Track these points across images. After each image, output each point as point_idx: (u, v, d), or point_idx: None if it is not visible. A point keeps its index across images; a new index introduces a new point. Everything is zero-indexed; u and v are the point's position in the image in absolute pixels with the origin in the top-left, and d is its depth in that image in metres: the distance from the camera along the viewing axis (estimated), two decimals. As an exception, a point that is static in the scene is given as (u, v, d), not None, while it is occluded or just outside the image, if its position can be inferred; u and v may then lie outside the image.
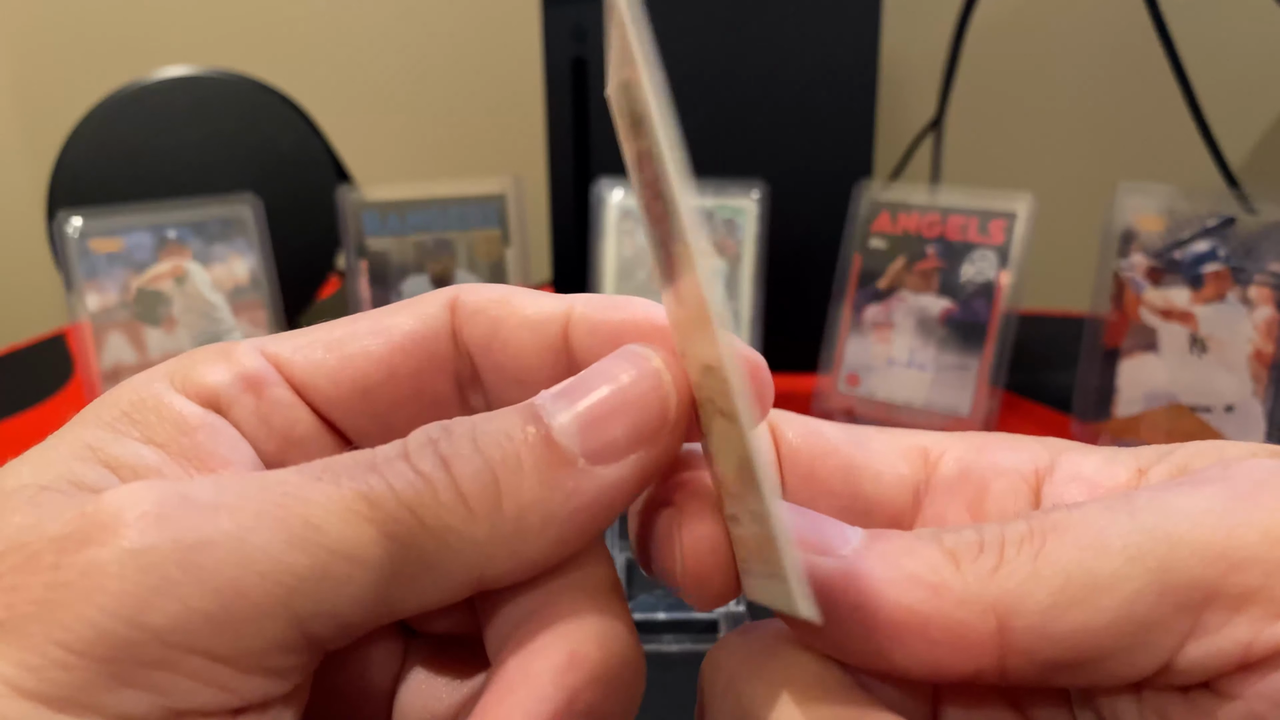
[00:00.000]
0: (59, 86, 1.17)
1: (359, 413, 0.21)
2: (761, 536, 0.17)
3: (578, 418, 0.18)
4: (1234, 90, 0.87)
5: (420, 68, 1.11)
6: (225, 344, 0.21)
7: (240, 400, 0.20)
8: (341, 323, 0.22)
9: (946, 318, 0.65)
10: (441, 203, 0.67)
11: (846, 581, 0.17)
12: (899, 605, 0.17)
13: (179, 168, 0.77)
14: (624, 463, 0.18)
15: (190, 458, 0.19)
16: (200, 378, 0.20)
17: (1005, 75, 0.95)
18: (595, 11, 0.71)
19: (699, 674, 0.20)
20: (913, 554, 0.17)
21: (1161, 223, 0.62)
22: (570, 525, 0.17)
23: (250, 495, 0.16)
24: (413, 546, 0.16)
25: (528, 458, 0.17)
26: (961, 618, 0.16)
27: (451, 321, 0.21)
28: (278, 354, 0.21)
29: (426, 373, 0.21)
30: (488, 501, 0.17)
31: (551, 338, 0.20)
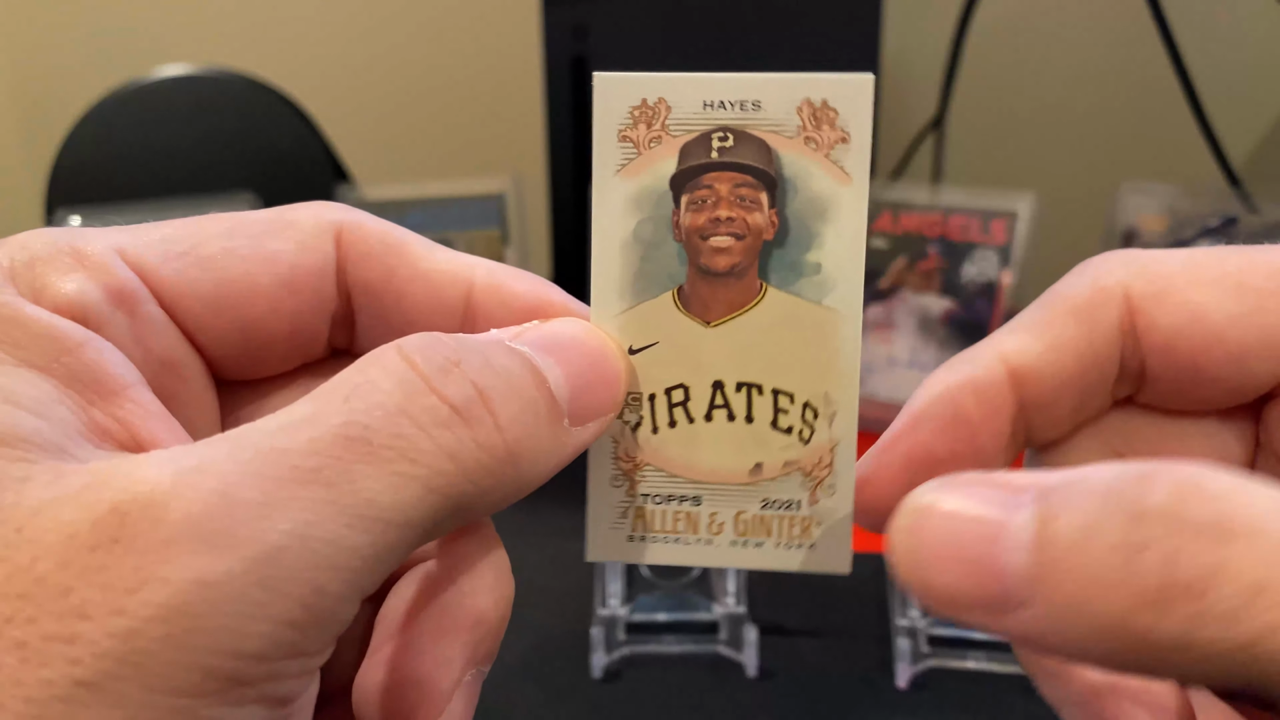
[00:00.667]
0: (58, 85, 1.17)
1: (229, 341, 0.20)
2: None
3: (569, 383, 0.18)
4: (1236, 89, 0.86)
5: (420, 67, 1.11)
6: (65, 237, 0.18)
7: (113, 319, 0.18)
8: (209, 230, 0.20)
9: (948, 318, 0.64)
10: (441, 202, 0.67)
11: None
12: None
13: (178, 167, 0.77)
14: (588, 428, 0.19)
15: (83, 384, 0.16)
16: (59, 288, 0.17)
17: (1007, 74, 0.95)
18: (595, 11, 0.71)
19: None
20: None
21: (1163, 222, 0.62)
22: (547, 476, 0.18)
23: (288, 479, 0.15)
24: (455, 495, 0.16)
25: (543, 405, 0.18)
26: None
27: (338, 258, 0.20)
28: (141, 263, 0.19)
29: (307, 311, 0.20)
30: (526, 447, 0.17)
31: (451, 300, 0.20)
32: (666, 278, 0.21)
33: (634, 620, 0.45)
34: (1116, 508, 0.16)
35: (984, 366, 0.20)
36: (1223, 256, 0.20)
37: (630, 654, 0.44)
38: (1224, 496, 0.15)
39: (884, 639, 0.45)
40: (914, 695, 0.41)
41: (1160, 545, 0.15)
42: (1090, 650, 0.16)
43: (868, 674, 0.43)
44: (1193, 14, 0.80)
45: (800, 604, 0.48)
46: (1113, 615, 0.15)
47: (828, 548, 0.21)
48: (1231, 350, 0.19)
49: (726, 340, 0.21)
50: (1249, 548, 0.15)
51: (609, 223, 0.21)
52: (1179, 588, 0.15)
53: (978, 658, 0.43)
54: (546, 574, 0.51)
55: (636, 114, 0.20)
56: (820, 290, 0.21)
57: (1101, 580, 0.15)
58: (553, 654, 0.44)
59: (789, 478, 0.21)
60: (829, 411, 0.21)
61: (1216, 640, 0.15)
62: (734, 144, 0.20)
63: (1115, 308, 0.20)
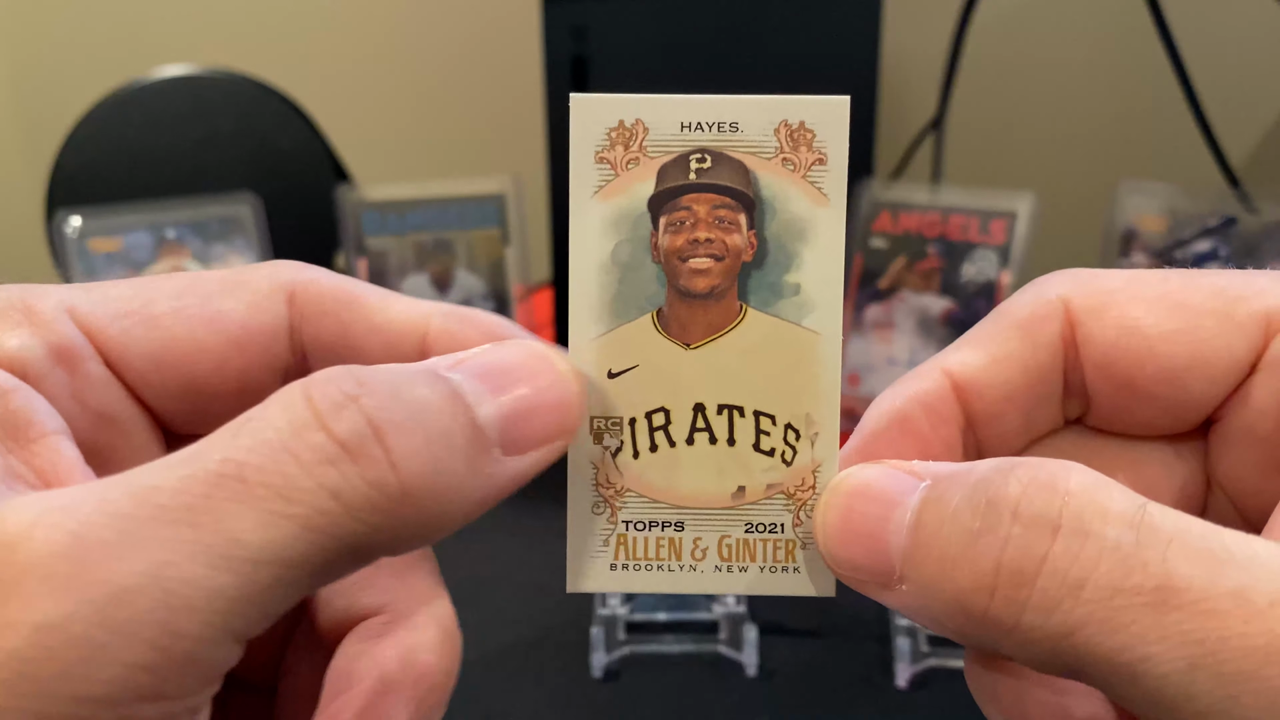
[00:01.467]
0: (58, 86, 1.17)
1: (175, 398, 0.20)
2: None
3: (501, 411, 0.18)
4: (1235, 89, 0.86)
5: (420, 67, 1.11)
6: (21, 294, 0.19)
7: (51, 375, 0.18)
8: (161, 290, 0.20)
9: (947, 317, 0.65)
10: (441, 202, 0.67)
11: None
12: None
13: (178, 167, 0.77)
14: (528, 457, 0.18)
15: (4, 427, 0.17)
16: (2, 341, 0.18)
17: (1006, 74, 0.95)
18: (595, 11, 0.71)
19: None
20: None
21: (1163, 222, 0.62)
22: (473, 511, 0.17)
23: (150, 518, 0.14)
24: (342, 536, 0.16)
25: (459, 435, 0.17)
26: None
27: (290, 317, 0.20)
28: (89, 321, 0.19)
29: (256, 369, 0.20)
30: (426, 483, 0.16)
31: (408, 351, 0.20)
32: (645, 300, 0.21)
33: (634, 620, 0.45)
34: (976, 496, 0.17)
35: (929, 380, 0.20)
36: (1165, 276, 0.20)
37: (630, 653, 0.44)
38: (1072, 494, 0.16)
39: (884, 638, 0.45)
40: (913, 695, 0.42)
41: (997, 533, 0.16)
42: (947, 626, 0.17)
43: (867, 673, 0.43)
44: (1192, 14, 0.80)
45: (800, 604, 0.48)
46: (957, 594, 0.17)
47: (813, 571, 0.21)
48: (1163, 365, 0.19)
49: (707, 362, 0.21)
50: (1078, 544, 0.16)
51: (586, 245, 0.20)
52: (1007, 573, 0.16)
53: (977, 657, 0.43)
54: (546, 573, 0.51)
55: (614, 135, 0.20)
56: (800, 311, 0.21)
57: (950, 560, 0.17)
58: (553, 654, 0.44)
59: (772, 501, 0.21)
60: (811, 432, 0.21)
61: (1037, 627, 0.16)
62: (712, 165, 0.20)
63: (1056, 321, 0.20)
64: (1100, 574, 0.15)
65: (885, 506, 0.18)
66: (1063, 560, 0.16)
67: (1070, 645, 0.16)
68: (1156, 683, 0.15)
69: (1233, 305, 0.20)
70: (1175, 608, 0.15)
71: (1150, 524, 0.16)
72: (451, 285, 0.68)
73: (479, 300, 0.69)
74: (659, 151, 0.20)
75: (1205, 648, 0.15)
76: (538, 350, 0.19)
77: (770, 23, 0.70)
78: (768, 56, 0.70)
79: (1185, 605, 0.15)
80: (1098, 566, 0.15)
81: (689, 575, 0.21)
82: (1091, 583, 0.15)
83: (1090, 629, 0.15)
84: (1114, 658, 0.15)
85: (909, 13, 0.90)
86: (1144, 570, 0.15)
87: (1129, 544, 0.15)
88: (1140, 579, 0.15)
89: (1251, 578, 0.15)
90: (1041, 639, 0.16)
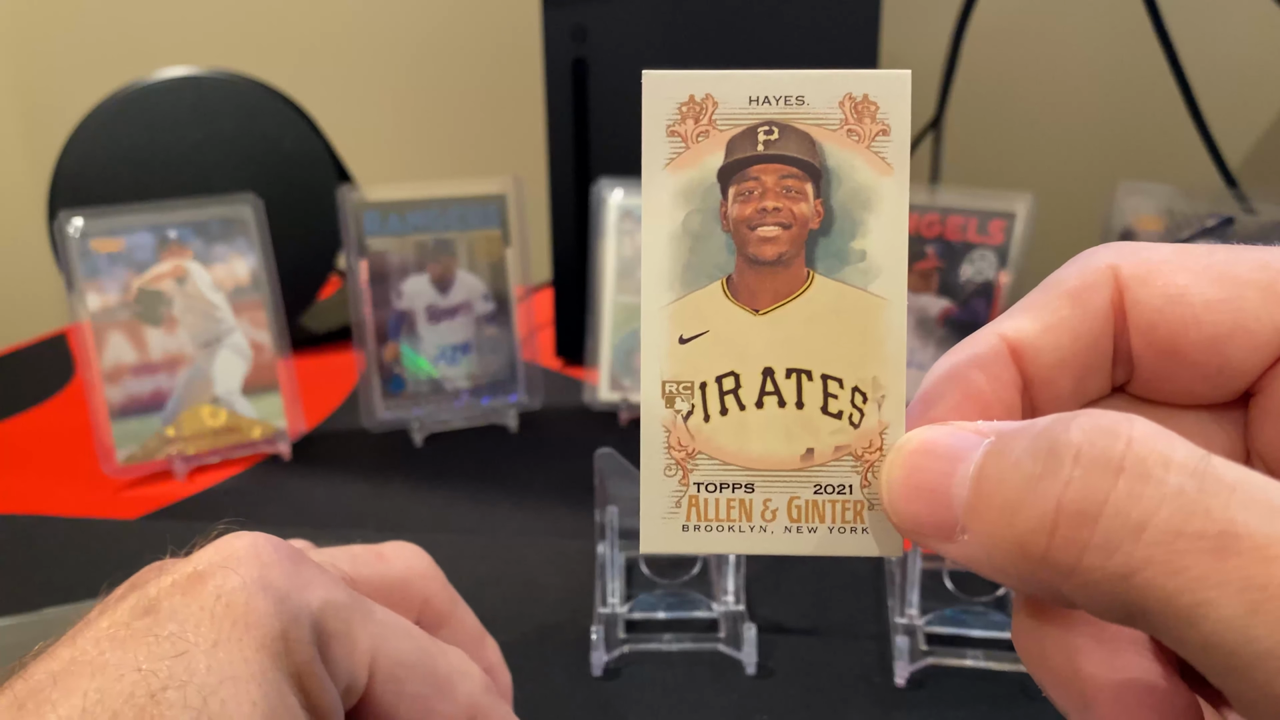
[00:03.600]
0: (60, 87, 1.17)
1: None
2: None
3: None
4: (1233, 91, 0.87)
5: (420, 68, 1.11)
6: (354, 616, 0.24)
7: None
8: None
9: (945, 318, 0.65)
10: (442, 203, 0.68)
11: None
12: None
13: (180, 168, 0.77)
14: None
15: None
16: (338, 670, 0.23)
17: (1004, 75, 0.95)
18: (595, 11, 0.71)
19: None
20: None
21: (1160, 223, 0.62)
22: None
23: None
24: None
25: None
26: None
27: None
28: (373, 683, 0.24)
29: None
30: None
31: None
32: (715, 268, 0.21)
33: (634, 618, 0.46)
34: (1038, 444, 0.17)
35: (986, 344, 0.21)
36: (1211, 249, 0.20)
37: (630, 652, 0.44)
38: (1135, 440, 0.16)
39: (883, 637, 0.45)
40: (912, 693, 0.42)
41: (1059, 475, 0.16)
42: (1009, 573, 0.17)
43: (866, 672, 0.43)
44: (1190, 16, 0.80)
45: (799, 602, 0.48)
46: (1017, 538, 0.17)
47: (880, 531, 0.21)
48: (1206, 333, 0.20)
49: (775, 328, 0.21)
50: (1140, 487, 0.16)
51: (658, 215, 0.21)
52: (1068, 514, 0.16)
53: (976, 656, 0.43)
54: (546, 572, 0.51)
55: (684, 110, 0.21)
56: (866, 277, 0.21)
57: (1011, 505, 0.17)
58: (553, 652, 0.44)
59: (840, 462, 0.21)
60: (877, 395, 0.21)
61: (1097, 568, 0.16)
62: (779, 137, 0.21)
63: (1106, 288, 0.21)
64: (1162, 518, 0.16)
65: (949, 462, 0.18)
66: (1125, 502, 0.16)
67: (1131, 587, 0.16)
68: (1216, 626, 0.15)
69: (1276, 278, 0.20)
70: (1236, 553, 0.15)
71: (1214, 473, 0.16)
72: (452, 286, 0.68)
73: (479, 300, 0.69)
74: (728, 125, 0.21)
75: (1267, 593, 0.15)
76: None
77: (769, 24, 0.70)
78: (767, 58, 0.70)
79: (1246, 551, 0.15)
80: (1159, 510, 0.16)
81: (759, 536, 0.22)
82: (1153, 525, 0.16)
83: (1151, 571, 0.15)
84: (1174, 600, 0.15)
85: (907, 14, 0.90)
86: (1206, 516, 0.15)
87: (1192, 490, 0.16)
88: (1202, 524, 0.15)
89: None
90: (1101, 580, 0.16)
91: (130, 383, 0.62)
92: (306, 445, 0.67)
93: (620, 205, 0.69)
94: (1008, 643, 0.44)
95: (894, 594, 0.46)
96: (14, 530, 0.56)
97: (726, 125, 0.21)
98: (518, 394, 0.70)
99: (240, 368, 0.65)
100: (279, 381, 0.66)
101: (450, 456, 0.65)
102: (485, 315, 0.70)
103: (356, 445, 0.67)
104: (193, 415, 0.64)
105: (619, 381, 0.69)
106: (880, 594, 0.49)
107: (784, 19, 0.70)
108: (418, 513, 0.58)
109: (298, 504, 0.59)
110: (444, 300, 0.68)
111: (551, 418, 0.70)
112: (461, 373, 0.69)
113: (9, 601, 0.48)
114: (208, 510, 0.59)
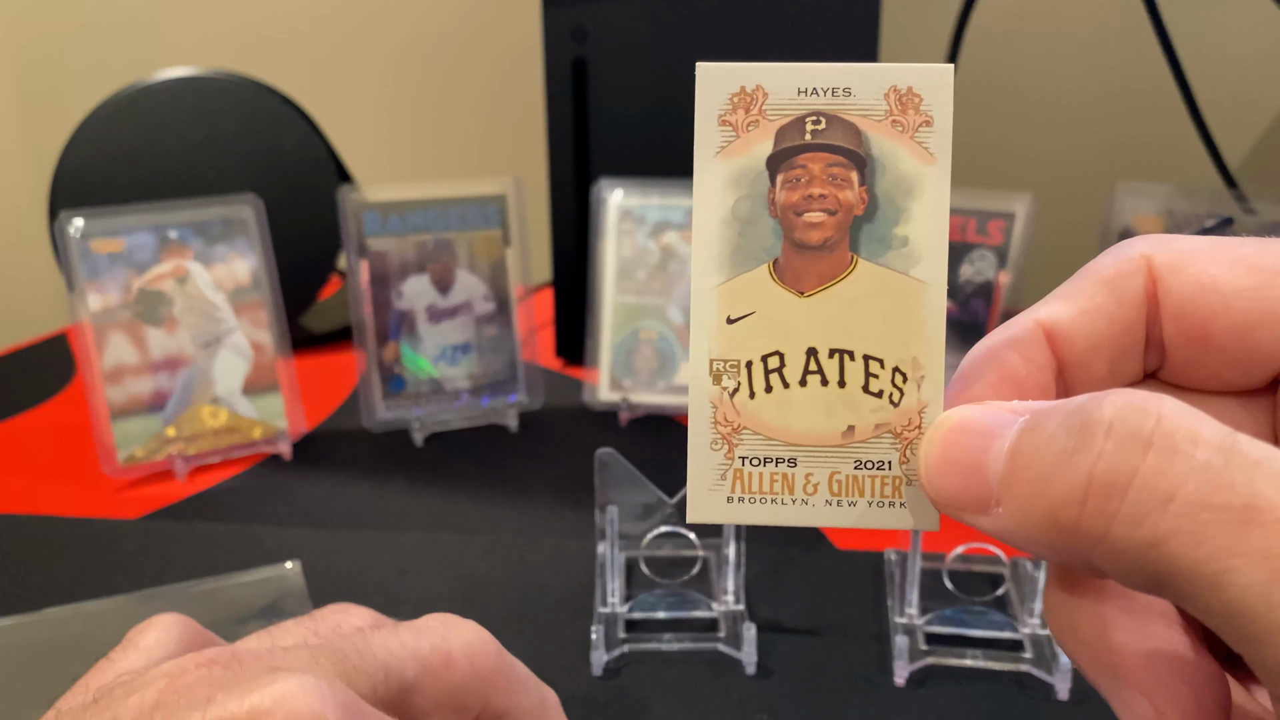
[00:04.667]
0: (61, 87, 1.17)
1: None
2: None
3: None
4: (1232, 91, 0.87)
5: (420, 68, 1.11)
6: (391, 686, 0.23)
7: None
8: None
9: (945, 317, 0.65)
10: (442, 203, 0.68)
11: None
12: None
13: (180, 168, 0.77)
14: None
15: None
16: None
17: (1004, 75, 0.95)
18: (595, 11, 0.71)
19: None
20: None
21: (1160, 223, 0.62)
22: None
23: None
24: None
25: None
26: None
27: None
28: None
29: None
30: None
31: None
32: (763, 251, 0.22)
33: (633, 618, 0.46)
34: (1071, 420, 0.18)
35: (1023, 328, 0.22)
36: (1242, 241, 0.21)
37: (630, 651, 0.44)
38: (1165, 416, 0.17)
39: (882, 636, 0.45)
40: (912, 692, 0.42)
41: (1090, 449, 0.17)
42: (1040, 541, 0.18)
43: (866, 671, 0.43)
44: (1189, 16, 0.81)
45: (799, 601, 0.48)
46: (1049, 508, 0.18)
47: (917, 506, 0.22)
48: (1237, 319, 0.21)
49: (819, 310, 0.22)
50: (1168, 461, 0.16)
51: (709, 201, 0.22)
52: (1098, 485, 0.17)
53: (976, 655, 0.43)
54: (546, 573, 0.51)
55: (735, 100, 0.22)
56: (908, 262, 0.22)
57: (1044, 478, 0.18)
58: (553, 652, 0.44)
59: (880, 439, 0.22)
60: (917, 375, 0.22)
61: (1125, 537, 0.17)
62: (826, 127, 0.22)
63: (1140, 276, 0.21)
64: (1189, 490, 0.16)
65: (985, 439, 0.19)
66: (1153, 475, 0.16)
67: (1157, 555, 0.16)
68: (1239, 593, 0.16)
69: None
70: (1260, 525, 0.16)
71: (1239, 449, 0.17)
72: (452, 286, 0.69)
73: (479, 300, 0.69)
74: (777, 115, 0.22)
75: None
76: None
77: (769, 24, 0.70)
78: (767, 58, 0.70)
79: (1269, 523, 0.16)
80: (1186, 483, 0.16)
81: (801, 509, 0.22)
82: (1180, 498, 0.16)
83: (1177, 540, 0.16)
84: (1199, 568, 0.16)
85: (907, 14, 0.90)
86: (1231, 490, 0.16)
87: (1218, 465, 0.16)
88: (1228, 497, 0.16)
89: None
90: (1129, 549, 0.17)
91: (131, 383, 0.62)
92: (307, 445, 0.67)
93: (620, 205, 0.69)
94: (1008, 642, 0.44)
95: (893, 594, 0.46)
96: (14, 530, 0.56)
97: (776, 115, 0.22)
98: (518, 394, 0.71)
99: (241, 368, 0.65)
100: (279, 381, 0.66)
101: (450, 456, 0.65)
102: (485, 315, 0.70)
103: (357, 445, 0.67)
104: (193, 415, 0.64)
105: (619, 381, 0.70)
106: (880, 594, 0.49)
107: (784, 19, 0.70)
108: (418, 513, 0.58)
109: (298, 504, 0.59)
110: (444, 300, 0.69)
111: (551, 418, 0.70)
112: (462, 373, 0.69)
113: (9, 601, 0.48)
114: (208, 510, 0.59)
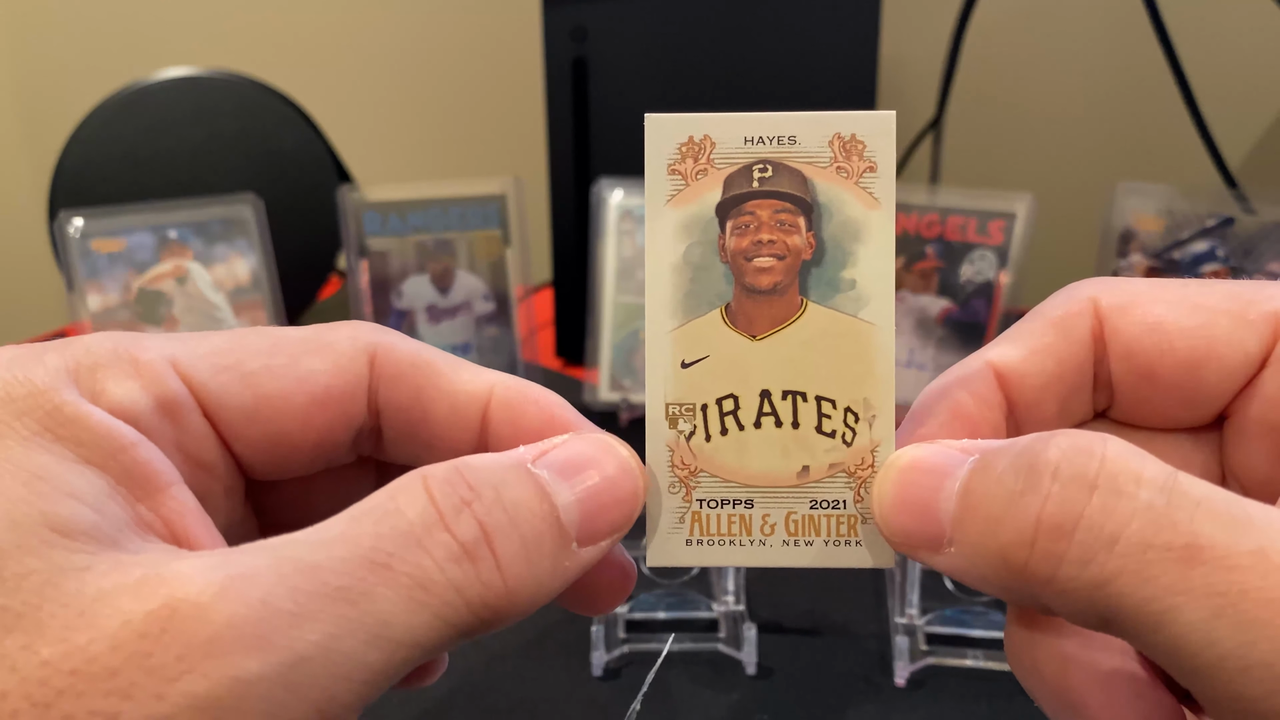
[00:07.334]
0: (60, 87, 1.17)
1: (261, 449, 0.21)
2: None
3: (579, 504, 0.19)
4: (1233, 91, 0.87)
5: (420, 68, 1.11)
6: (124, 344, 0.20)
7: (159, 426, 0.19)
8: (253, 347, 0.21)
9: (945, 318, 0.65)
10: (442, 203, 0.68)
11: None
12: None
13: (181, 168, 0.77)
14: (597, 547, 0.20)
15: (132, 481, 0.18)
16: (114, 393, 0.19)
17: (1004, 75, 0.95)
18: (595, 11, 0.71)
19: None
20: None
21: (1160, 223, 0.62)
22: (547, 600, 0.19)
23: (320, 594, 0.16)
24: (459, 624, 0.18)
25: (548, 538, 0.19)
26: None
27: (370, 379, 0.22)
28: (190, 374, 0.20)
29: (336, 425, 0.22)
30: (524, 584, 0.18)
31: (470, 418, 0.22)
32: (715, 296, 0.23)
33: (634, 618, 0.46)
34: (1019, 461, 0.18)
35: (972, 368, 0.22)
36: (1185, 283, 0.22)
37: (630, 652, 0.44)
38: (1109, 458, 0.17)
39: (882, 637, 0.45)
40: (912, 693, 0.42)
41: (1038, 491, 0.17)
42: (992, 582, 0.19)
43: (866, 672, 0.43)
44: (1189, 15, 0.80)
45: (799, 602, 0.48)
46: (999, 550, 0.18)
47: (873, 544, 0.23)
48: (1182, 358, 0.21)
49: (771, 352, 0.22)
50: (1113, 502, 0.17)
51: (661, 248, 0.23)
52: (1046, 528, 0.17)
53: (976, 656, 0.43)
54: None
55: (684, 149, 0.22)
56: (856, 304, 0.22)
57: (994, 519, 0.18)
58: (553, 652, 0.44)
59: (834, 479, 0.22)
60: (869, 415, 0.22)
61: (1073, 578, 0.17)
62: (773, 174, 0.22)
63: (1087, 318, 0.22)
64: (1133, 530, 0.17)
65: (937, 478, 0.20)
66: (1098, 516, 0.17)
67: (1104, 595, 0.17)
68: (1182, 630, 0.16)
69: (1246, 307, 0.21)
70: (1201, 563, 0.16)
71: (1180, 489, 0.17)
72: (452, 286, 0.68)
73: (479, 300, 0.69)
74: (725, 163, 0.22)
75: (1227, 599, 0.16)
76: (611, 447, 0.21)
77: (769, 25, 0.70)
78: (767, 58, 0.70)
79: (1210, 561, 0.16)
80: (1130, 523, 0.17)
81: (759, 549, 0.23)
82: (1125, 538, 0.17)
83: (1122, 580, 0.16)
84: (1143, 607, 0.16)
85: (907, 14, 0.90)
86: (1173, 529, 0.16)
87: (1160, 505, 0.17)
88: (1170, 537, 0.16)
89: (1270, 539, 0.16)
90: (1077, 589, 0.17)
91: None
92: (307, 445, 0.67)
93: (620, 205, 0.69)
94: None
95: (894, 594, 0.46)
96: (14, 530, 0.56)
97: (724, 164, 0.22)
98: (518, 394, 0.70)
99: (240, 368, 0.65)
100: (279, 381, 0.66)
101: (450, 456, 0.65)
102: (485, 315, 0.70)
103: (357, 445, 0.67)
104: (193, 415, 0.64)
105: (619, 381, 0.70)
106: (880, 594, 0.49)
107: (784, 20, 0.70)
108: (418, 513, 0.58)
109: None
110: (444, 300, 0.68)
111: (551, 418, 0.70)
112: (462, 373, 0.69)
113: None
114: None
